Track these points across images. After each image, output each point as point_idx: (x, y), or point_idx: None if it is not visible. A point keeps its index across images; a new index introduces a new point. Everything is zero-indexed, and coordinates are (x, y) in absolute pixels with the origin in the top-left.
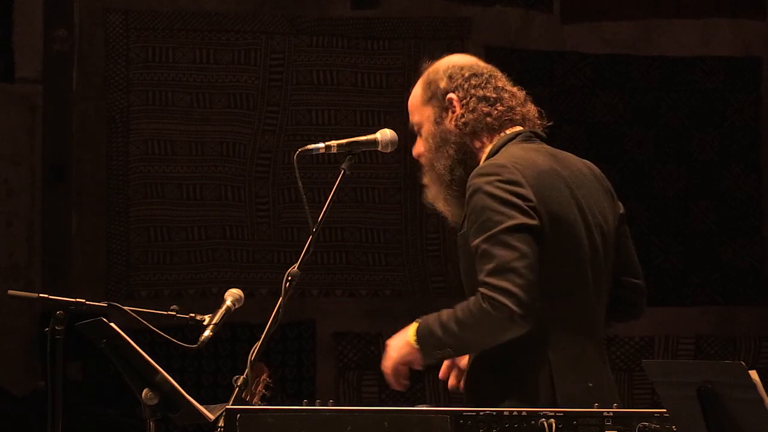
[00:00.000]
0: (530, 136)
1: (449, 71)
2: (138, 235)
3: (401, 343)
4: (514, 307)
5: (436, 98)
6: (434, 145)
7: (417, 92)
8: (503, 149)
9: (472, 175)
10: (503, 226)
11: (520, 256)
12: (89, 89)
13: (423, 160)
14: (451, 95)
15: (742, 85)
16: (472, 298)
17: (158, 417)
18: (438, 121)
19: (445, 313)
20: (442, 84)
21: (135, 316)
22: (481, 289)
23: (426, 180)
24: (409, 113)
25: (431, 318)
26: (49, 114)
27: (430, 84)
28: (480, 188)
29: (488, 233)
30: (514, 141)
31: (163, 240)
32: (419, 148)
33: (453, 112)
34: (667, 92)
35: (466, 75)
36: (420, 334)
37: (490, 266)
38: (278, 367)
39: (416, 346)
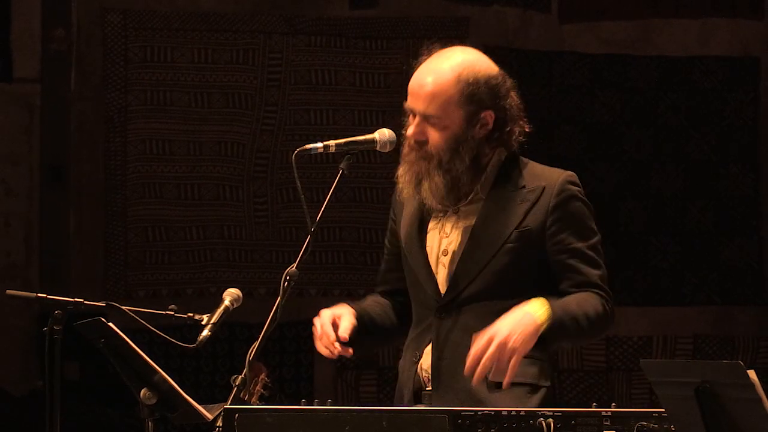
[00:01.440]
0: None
1: (491, 83)
2: (136, 235)
3: (531, 331)
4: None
5: (472, 106)
6: (452, 147)
7: (447, 87)
8: (530, 162)
9: (562, 180)
10: (599, 239)
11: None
12: (87, 89)
13: (427, 148)
14: (489, 112)
15: (740, 85)
16: (592, 297)
17: (156, 417)
18: (465, 128)
19: (573, 305)
20: (482, 95)
21: (133, 316)
22: (601, 293)
23: (418, 158)
24: (427, 98)
25: (566, 311)
26: (47, 114)
27: (469, 88)
28: (576, 196)
29: (591, 242)
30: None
31: (161, 240)
32: (422, 134)
33: (483, 125)
34: (665, 92)
35: (503, 93)
36: (552, 326)
37: (600, 273)
38: (276, 367)
39: (540, 331)
